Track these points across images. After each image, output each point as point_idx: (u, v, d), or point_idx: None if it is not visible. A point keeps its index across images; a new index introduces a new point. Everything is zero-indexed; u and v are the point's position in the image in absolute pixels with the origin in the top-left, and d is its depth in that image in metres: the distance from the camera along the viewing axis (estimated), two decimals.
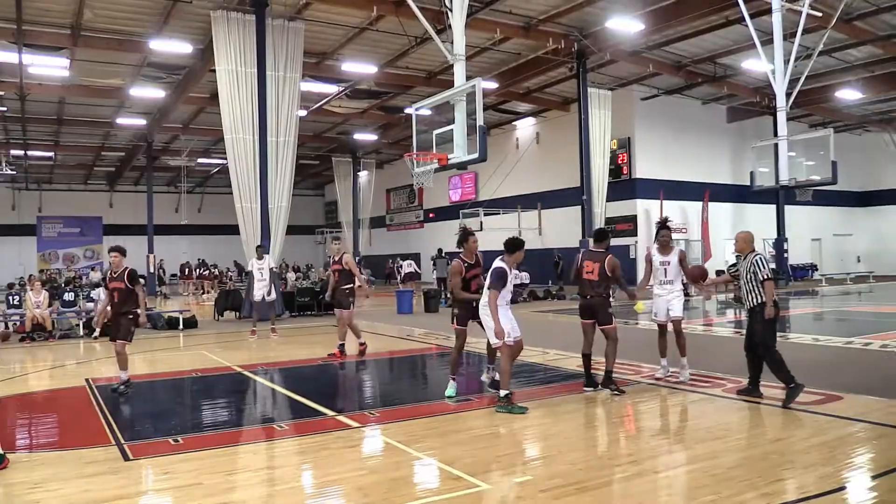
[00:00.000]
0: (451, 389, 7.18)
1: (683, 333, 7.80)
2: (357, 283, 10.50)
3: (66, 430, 6.59)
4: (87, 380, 8.85)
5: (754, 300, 6.68)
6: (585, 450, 5.37)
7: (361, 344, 10.44)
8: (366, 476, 4.77)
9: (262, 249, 13.86)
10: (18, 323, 14.33)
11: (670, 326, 7.78)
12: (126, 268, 7.90)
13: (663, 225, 7.78)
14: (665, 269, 7.68)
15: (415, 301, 19.35)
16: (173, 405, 7.84)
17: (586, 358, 7.42)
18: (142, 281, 8.20)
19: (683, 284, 8.07)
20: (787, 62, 17.83)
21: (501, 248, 6.75)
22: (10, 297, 15.55)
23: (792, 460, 4.88)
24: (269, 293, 13.09)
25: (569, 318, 16.59)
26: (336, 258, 10.55)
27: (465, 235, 7.50)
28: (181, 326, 15.37)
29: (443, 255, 21.28)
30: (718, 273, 18.66)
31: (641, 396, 7.29)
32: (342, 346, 10.43)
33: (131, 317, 7.88)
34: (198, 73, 20.43)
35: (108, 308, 8.12)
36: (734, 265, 19.74)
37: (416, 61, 21.36)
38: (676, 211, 26.37)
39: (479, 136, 12.04)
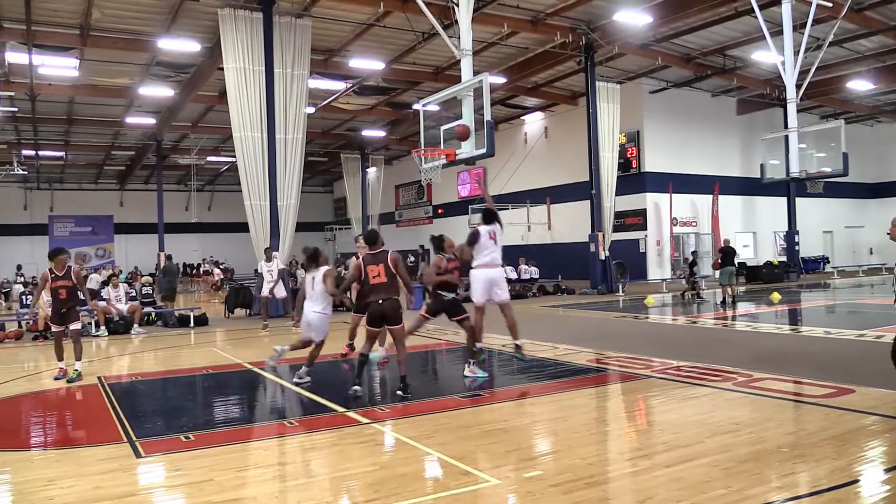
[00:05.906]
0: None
1: None
2: None
3: (78, 428, 6.65)
4: (99, 378, 8.91)
5: None
6: (596, 444, 5.35)
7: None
8: (376, 472, 4.78)
9: (271, 251, 14.70)
10: (31, 322, 14.45)
11: None
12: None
13: None
14: None
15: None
16: (184, 402, 7.89)
17: (364, 357, 7.46)
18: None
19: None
20: (797, 53, 17.68)
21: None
22: (24, 297, 15.85)
23: (804, 454, 4.85)
24: (273, 290, 14.20)
25: (579, 312, 16.58)
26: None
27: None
28: (192, 324, 15.46)
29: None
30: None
31: (651, 391, 7.28)
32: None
33: None
34: (206, 71, 20.50)
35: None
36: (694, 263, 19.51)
37: (424, 57, 21.34)
38: (686, 204, 26.29)
39: (487, 131, 12.01)
